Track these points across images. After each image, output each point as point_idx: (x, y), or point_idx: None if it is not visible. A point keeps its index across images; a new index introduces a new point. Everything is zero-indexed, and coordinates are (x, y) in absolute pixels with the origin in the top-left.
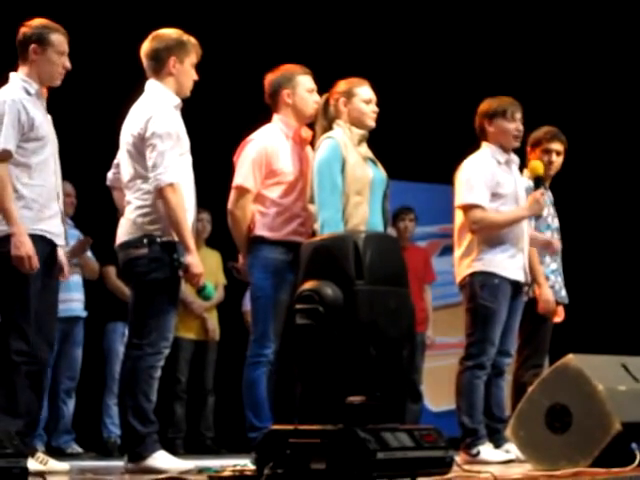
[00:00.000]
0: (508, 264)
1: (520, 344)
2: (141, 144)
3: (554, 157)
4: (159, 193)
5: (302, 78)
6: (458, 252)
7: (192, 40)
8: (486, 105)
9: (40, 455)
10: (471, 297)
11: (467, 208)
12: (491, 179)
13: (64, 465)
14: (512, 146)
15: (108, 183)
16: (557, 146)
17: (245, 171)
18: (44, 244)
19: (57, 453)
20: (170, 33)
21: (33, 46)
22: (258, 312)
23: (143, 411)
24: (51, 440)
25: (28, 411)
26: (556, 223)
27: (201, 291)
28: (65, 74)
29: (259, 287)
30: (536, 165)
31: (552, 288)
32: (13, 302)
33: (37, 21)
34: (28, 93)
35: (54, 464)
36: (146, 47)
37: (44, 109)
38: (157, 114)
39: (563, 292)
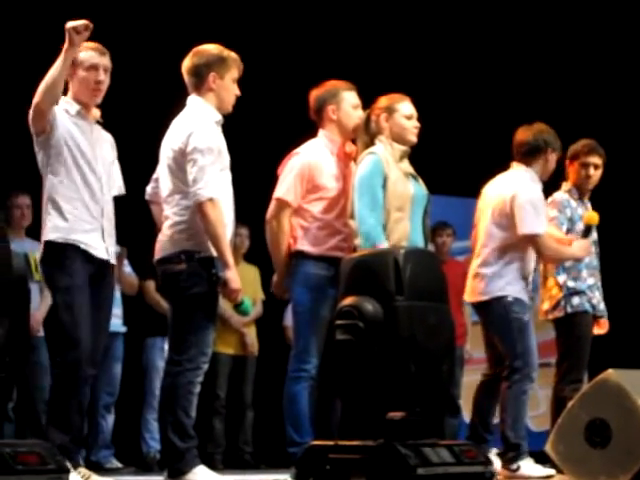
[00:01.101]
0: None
1: (559, 358)
2: (181, 159)
3: (592, 171)
4: (199, 208)
5: (347, 94)
6: (487, 269)
7: (233, 55)
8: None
9: (82, 470)
10: (505, 313)
11: (536, 237)
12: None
13: None
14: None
15: (147, 197)
16: (595, 159)
17: (287, 184)
18: (83, 257)
19: (96, 468)
20: (210, 49)
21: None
22: (299, 327)
23: (182, 426)
24: (90, 455)
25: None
26: (595, 262)
27: (239, 306)
28: (102, 90)
29: (300, 302)
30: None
31: (589, 302)
32: (60, 314)
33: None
34: (68, 113)
35: (97, 479)
36: (187, 63)
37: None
38: (198, 129)
39: (602, 306)
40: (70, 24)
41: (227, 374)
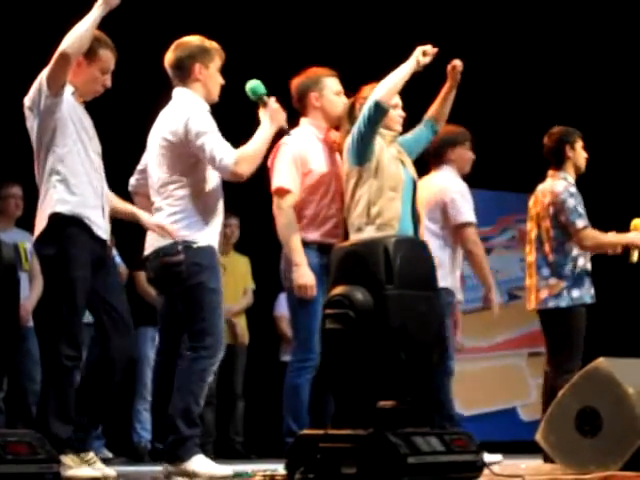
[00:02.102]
0: None
1: (552, 348)
2: (180, 147)
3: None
4: (233, 176)
5: (329, 80)
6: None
7: (214, 45)
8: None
9: (91, 455)
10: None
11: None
12: None
13: (111, 471)
14: None
15: (130, 189)
16: None
17: (284, 173)
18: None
19: None
20: (192, 40)
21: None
22: (301, 317)
23: (190, 413)
24: None
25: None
26: None
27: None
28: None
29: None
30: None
31: (589, 294)
32: (60, 306)
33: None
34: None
35: (102, 467)
36: (170, 57)
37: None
38: (194, 113)
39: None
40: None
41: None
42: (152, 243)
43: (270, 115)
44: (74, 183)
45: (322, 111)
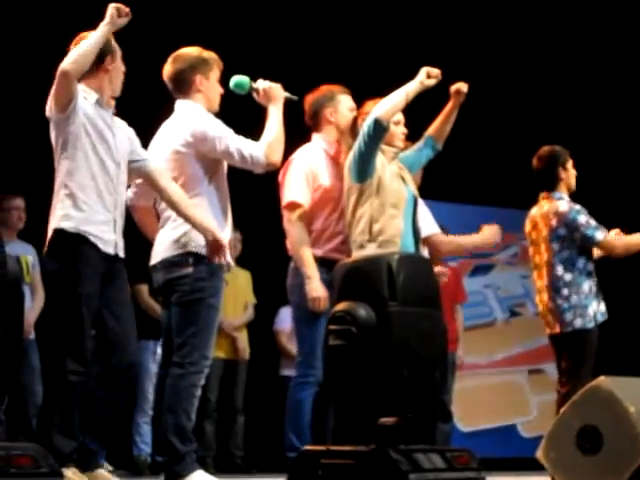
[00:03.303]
0: None
1: (565, 373)
2: (194, 158)
3: None
4: (267, 167)
5: (343, 97)
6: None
7: (212, 55)
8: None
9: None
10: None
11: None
12: None
13: None
14: None
15: (129, 203)
16: None
17: (295, 187)
18: (93, 251)
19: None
20: (190, 52)
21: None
22: (305, 332)
23: (184, 430)
24: None
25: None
26: (590, 267)
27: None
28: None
29: (303, 307)
30: None
31: (595, 315)
32: (65, 320)
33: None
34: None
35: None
36: (169, 70)
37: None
38: (206, 123)
39: (602, 306)
40: (116, 4)
41: (218, 378)
42: (159, 252)
43: (268, 95)
44: (82, 198)
45: (336, 127)
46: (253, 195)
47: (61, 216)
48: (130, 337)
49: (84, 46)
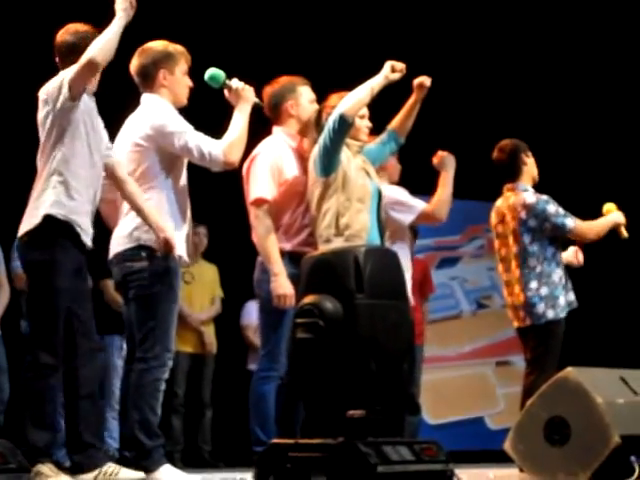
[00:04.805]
0: None
1: (531, 363)
2: (153, 152)
3: None
4: (225, 166)
5: (303, 89)
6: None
7: (179, 48)
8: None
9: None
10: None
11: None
12: None
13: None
14: None
15: None
16: None
17: (261, 183)
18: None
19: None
20: (155, 46)
21: None
22: (269, 326)
23: (150, 424)
24: None
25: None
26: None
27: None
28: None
29: (270, 301)
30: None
31: (564, 305)
32: (40, 313)
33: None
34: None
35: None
36: (134, 64)
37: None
38: (166, 117)
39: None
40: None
41: (185, 372)
42: (114, 247)
43: (239, 95)
44: (75, 187)
45: (297, 119)
46: (218, 189)
47: (52, 202)
48: (92, 327)
49: (109, 38)
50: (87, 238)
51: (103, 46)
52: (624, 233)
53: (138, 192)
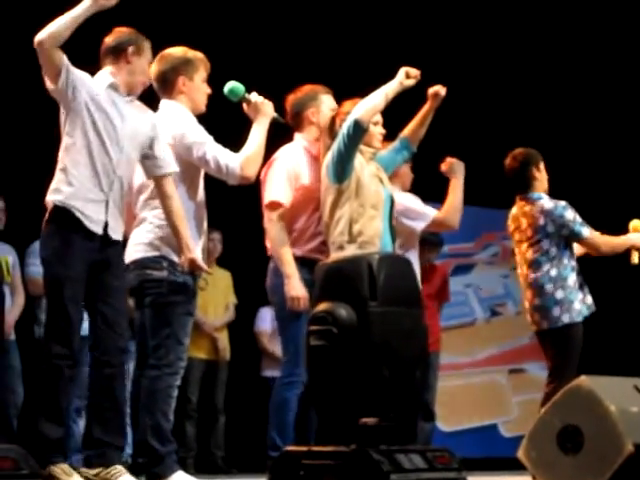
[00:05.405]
0: None
1: (553, 368)
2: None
3: None
4: (241, 181)
5: (325, 97)
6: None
7: (198, 55)
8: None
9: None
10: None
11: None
12: None
13: None
14: None
15: None
16: None
17: (277, 187)
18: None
19: None
20: (175, 52)
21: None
22: (289, 332)
23: (162, 431)
24: None
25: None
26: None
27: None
28: None
29: (284, 307)
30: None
31: (582, 308)
32: (49, 303)
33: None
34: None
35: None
36: (153, 70)
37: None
38: (186, 126)
39: (589, 299)
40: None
41: (199, 378)
42: (131, 254)
43: (258, 110)
44: (73, 174)
45: (318, 127)
46: (233, 195)
47: (52, 190)
48: (121, 322)
49: (65, 20)
50: (93, 225)
51: (50, 26)
52: (635, 259)
53: (179, 211)
